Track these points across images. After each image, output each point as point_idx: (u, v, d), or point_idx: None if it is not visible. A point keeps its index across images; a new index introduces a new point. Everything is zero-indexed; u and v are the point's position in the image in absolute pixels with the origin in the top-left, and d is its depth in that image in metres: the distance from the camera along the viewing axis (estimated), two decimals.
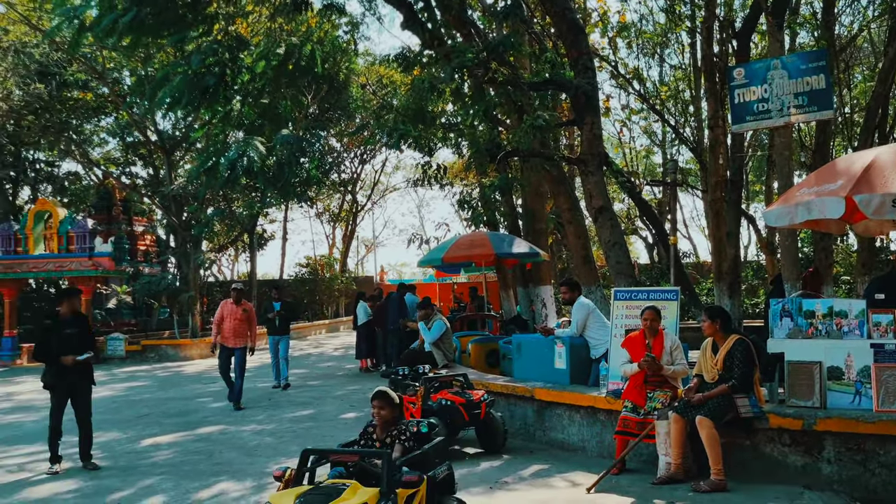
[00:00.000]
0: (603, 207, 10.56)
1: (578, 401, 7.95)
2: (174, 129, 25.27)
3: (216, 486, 7.08)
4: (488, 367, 11.36)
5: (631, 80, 18.81)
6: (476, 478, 7.03)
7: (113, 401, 13.38)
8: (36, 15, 20.72)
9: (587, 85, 10.55)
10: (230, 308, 11.81)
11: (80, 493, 7.00)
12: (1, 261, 22.26)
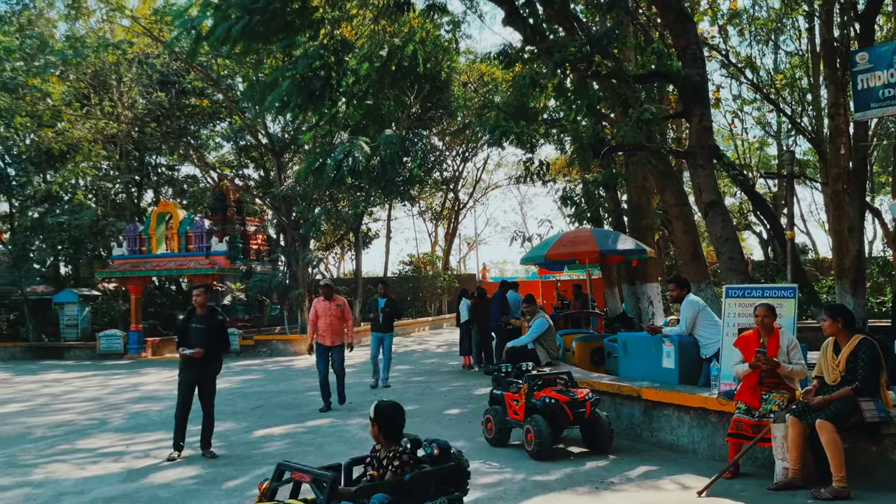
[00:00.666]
0: (713, 202, 10.17)
1: (688, 401, 7.68)
2: (283, 132, 26.21)
3: None
4: (593, 365, 11.17)
5: (743, 69, 18.04)
6: (581, 477, 6.92)
7: (229, 393, 14.00)
8: (157, 27, 21.93)
9: (696, 75, 10.18)
10: (323, 305, 11.45)
11: (200, 479, 7.35)
12: (128, 260, 23.75)
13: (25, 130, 23.64)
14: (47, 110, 23.07)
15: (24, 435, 10.29)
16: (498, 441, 8.31)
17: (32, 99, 22.66)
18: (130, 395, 14.46)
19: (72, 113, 23.34)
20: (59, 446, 9.36)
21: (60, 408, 13.03)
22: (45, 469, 8.01)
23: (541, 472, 7.13)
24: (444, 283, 34.04)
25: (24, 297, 26.00)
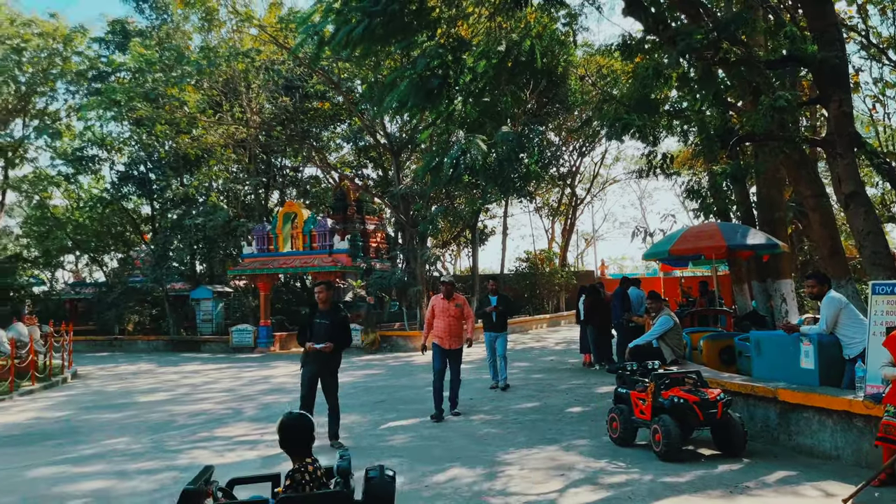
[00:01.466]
0: (854, 193, 9.52)
1: (830, 404, 7.23)
2: (401, 131, 26.73)
3: (449, 470, 7.36)
4: (722, 364, 10.72)
5: (885, 50, 16.79)
6: (713, 480, 6.66)
7: (353, 386, 14.43)
8: (282, 35, 22.86)
9: (834, 59, 9.55)
10: (442, 304, 10.51)
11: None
12: (257, 258, 24.92)
13: (165, 137, 25.31)
14: (184, 118, 24.57)
15: (170, 422, 10.99)
16: (623, 440, 8.13)
17: (171, 108, 24.19)
18: (262, 387, 15.16)
19: (206, 120, 24.75)
20: (200, 434, 9.93)
21: (199, 398, 13.83)
22: (189, 455, 8.52)
23: (670, 473, 6.91)
24: (562, 279, 33.68)
25: (165, 293, 27.80)
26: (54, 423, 11.28)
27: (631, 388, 8.26)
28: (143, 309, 30.09)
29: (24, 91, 29.50)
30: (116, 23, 29.38)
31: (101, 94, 25.12)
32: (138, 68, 23.25)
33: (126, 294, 28.79)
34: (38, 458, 8.66)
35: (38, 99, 31.37)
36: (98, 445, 9.31)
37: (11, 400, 14.25)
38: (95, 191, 33.32)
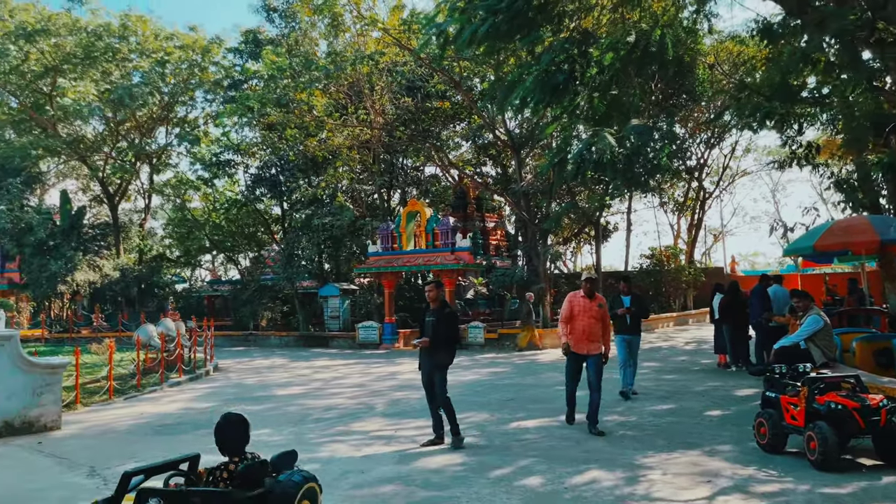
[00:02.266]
0: None
1: None
2: (521, 128, 26.58)
3: (587, 472, 7.21)
4: (878, 368, 9.98)
5: None
6: (878, 492, 6.19)
7: (479, 384, 14.47)
8: (405, 37, 23.25)
9: None
10: (582, 303, 9.39)
11: (467, 466, 7.63)
12: (381, 256, 25.50)
13: (294, 141, 26.35)
14: (312, 121, 25.48)
15: (306, 416, 11.39)
16: (772, 447, 7.69)
17: (300, 112, 25.15)
18: (390, 382, 15.46)
19: (332, 122, 25.56)
20: (336, 427, 10.23)
21: (331, 392, 14.27)
22: (329, 448, 8.78)
23: (828, 483, 6.47)
24: (689, 277, 32.47)
25: (295, 291, 28.95)
26: (201, 414, 11.93)
27: (781, 392, 7.80)
28: (275, 305, 31.46)
29: (166, 101, 31.52)
30: (249, 33, 30.87)
31: (235, 101, 26.45)
32: (270, 75, 24.32)
33: (259, 291, 30.18)
34: (190, 447, 9.15)
35: (179, 108, 33.44)
36: None
37: (162, 391, 15.22)
38: (230, 193, 35.16)
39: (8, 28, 28.14)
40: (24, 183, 31.04)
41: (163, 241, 40.99)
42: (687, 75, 22.84)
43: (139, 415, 12.01)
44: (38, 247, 29.06)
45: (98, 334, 28.45)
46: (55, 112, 30.35)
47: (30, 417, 10.30)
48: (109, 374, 14.09)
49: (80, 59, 29.24)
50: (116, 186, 34.27)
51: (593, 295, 9.51)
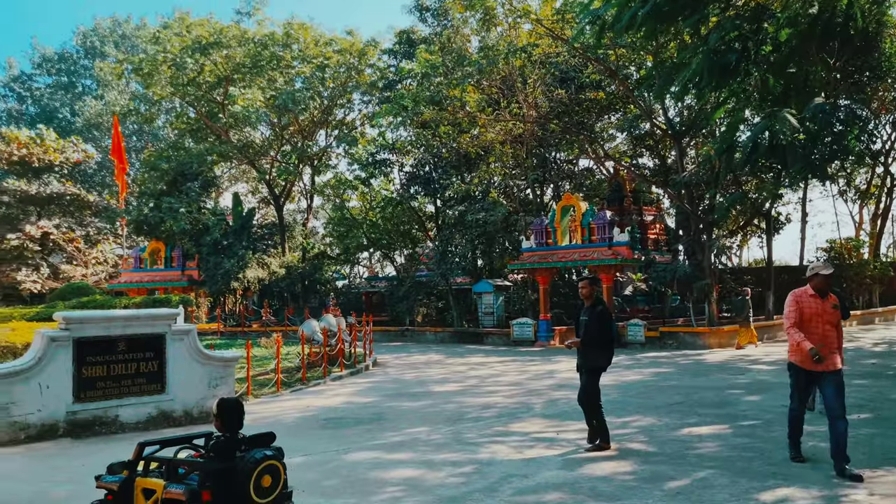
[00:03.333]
0: None
1: None
2: (682, 115, 25.23)
3: (778, 489, 6.47)
4: None
5: None
6: None
7: (643, 385, 13.75)
8: (559, 27, 22.70)
9: None
10: (813, 304, 7.17)
11: (638, 476, 7.11)
12: (535, 252, 25.09)
13: (447, 138, 26.50)
14: (465, 118, 25.50)
15: (464, 414, 11.24)
16: None
17: (453, 109, 25.25)
18: (548, 381, 15.06)
19: (485, 118, 25.45)
20: (495, 427, 9.98)
21: (488, 390, 14.08)
22: (489, 449, 8.54)
23: None
24: (875, 272, 29.55)
25: (449, 287, 29.16)
26: (363, 409, 12.11)
27: None
28: (430, 301, 31.89)
29: (326, 104, 32.79)
30: (402, 33, 31.47)
31: (390, 101, 27.00)
32: (424, 73, 24.57)
33: (415, 287, 30.70)
34: (353, 442, 9.25)
35: (337, 110, 34.72)
36: (403, 434, 9.74)
37: (325, 384, 15.70)
38: (385, 192, 36.07)
39: (186, 43, 30.32)
40: (201, 187, 33.34)
41: (324, 239, 42.75)
42: (872, 50, 20.71)
43: (305, 408, 12.37)
44: (213, 246, 31.13)
45: (267, 328, 30.06)
46: (227, 120, 32.37)
47: (207, 408, 10.83)
48: (277, 368, 14.67)
49: (248, 68, 31.01)
50: (281, 188, 36.09)
51: (826, 294, 7.22)
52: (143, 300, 23.87)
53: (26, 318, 18.60)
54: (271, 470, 4.36)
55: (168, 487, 4.38)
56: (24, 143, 35.56)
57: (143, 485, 4.55)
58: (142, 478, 4.61)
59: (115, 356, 10.11)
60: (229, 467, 4.32)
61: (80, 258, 35.75)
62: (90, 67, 52.59)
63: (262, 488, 4.28)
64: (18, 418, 9.37)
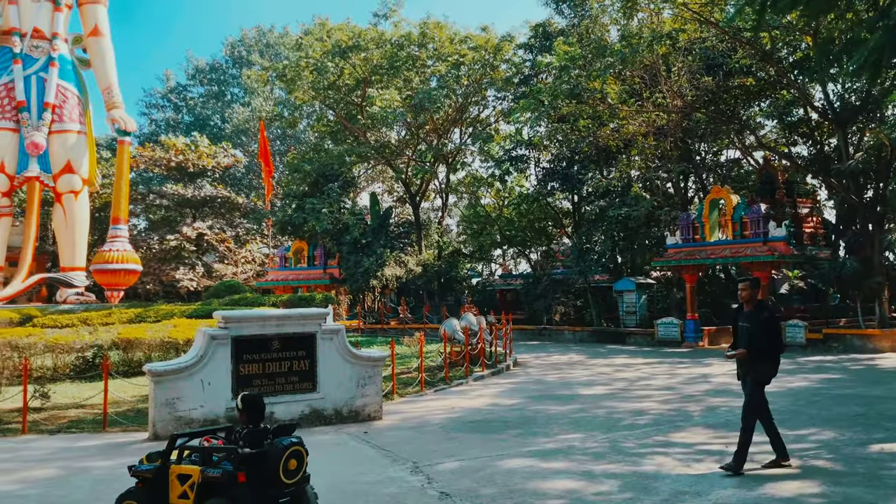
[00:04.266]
0: None
1: None
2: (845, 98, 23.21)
3: None
4: None
5: None
6: None
7: (814, 394, 12.62)
8: (707, 10, 21.45)
9: None
10: None
11: (829, 499, 6.35)
12: (682, 248, 23.90)
13: (586, 131, 25.70)
14: (605, 110, 24.63)
15: (617, 420, 10.67)
16: None
17: (593, 101, 24.45)
18: (703, 386, 14.18)
19: (626, 109, 24.47)
20: (654, 437, 9.36)
21: (639, 394, 13.39)
22: (652, 461, 7.97)
23: None
24: None
25: (588, 285, 28.37)
26: (509, 411, 11.78)
27: None
28: (568, 300, 31.20)
29: (460, 102, 32.79)
30: (538, 27, 30.91)
31: (526, 96, 26.55)
32: (562, 66, 23.93)
33: (552, 285, 30.12)
34: (505, 447, 8.94)
35: (472, 108, 34.65)
36: (556, 440, 9.32)
37: (467, 384, 15.52)
38: (519, 189, 35.69)
39: (326, 47, 31.22)
40: (341, 187, 34.29)
41: (459, 237, 42.91)
42: None
43: (450, 408, 12.21)
44: (353, 245, 31.91)
45: (405, 326, 30.46)
46: (365, 121, 33.07)
47: (355, 407, 10.89)
48: (421, 367, 14.64)
49: (385, 69, 31.53)
50: (417, 187, 36.50)
51: None
52: (289, 298, 24.79)
53: (185, 314, 19.65)
54: (297, 455, 5.18)
55: (206, 471, 5.08)
56: (180, 150, 37.91)
57: (178, 471, 5.22)
58: (177, 465, 5.28)
59: (270, 354, 10.31)
60: (260, 453, 5.10)
61: (231, 257, 37.71)
62: (238, 76, 55.49)
63: (289, 470, 5.10)
64: (183, 413, 9.73)
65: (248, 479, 5.01)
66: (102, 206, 34.28)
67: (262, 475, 5.07)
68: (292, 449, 5.16)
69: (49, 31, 24.27)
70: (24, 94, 23.46)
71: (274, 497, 5.12)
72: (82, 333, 15.92)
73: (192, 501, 5.14)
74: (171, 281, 35.52)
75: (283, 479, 5.10)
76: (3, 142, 23.39)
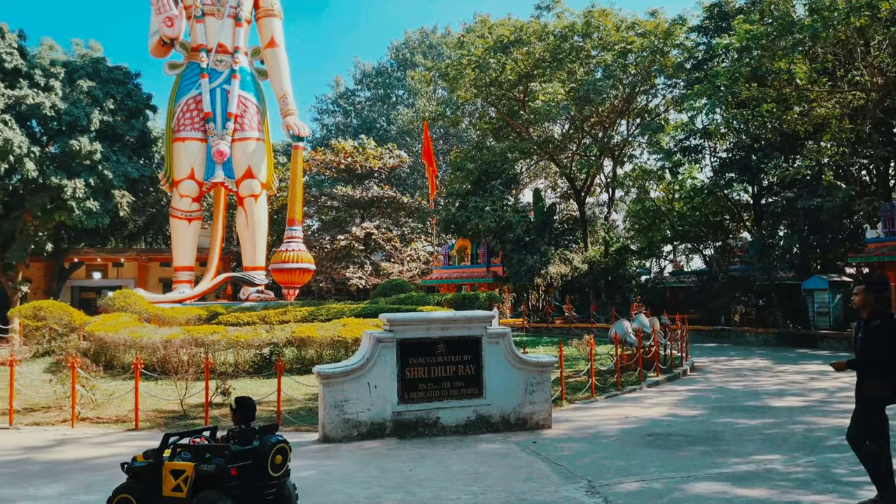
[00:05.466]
0: None
1: None
2: None
3: None
4: None
5: None
6: None
7: None
8: None
9: None
10: None
11: None
12: (884, 243, 21.33)
13: (770, 116, 23.55)
14: (792, 92, 22.41)
15: (819, 440, 9.42)
16: None
17: (779, 83, 22.33)
18: None
19: (817, 90, 22.13)
20: None
21: (841, 408, 11.85)
22: (872, 492, 6.79)
23: None
24: None
25: (771, 283, 26.13)
26: (690, 424, 10.79)
27: None
28: (748, 299, 28.99)
29: (627, 92, 31.34)
30: (712, 7, 28.85)
31: (700, 82, 24.83)
32: (743, 46, 22.03)
33: (730, 283, 28.08)
34: (690, 467, 8.06)
35: (639, 98, 33.05)
36: (750, 461, 8.30)
37: (641, 391, 14.56)
38: (690, 181, 33.63)
39: (488, 44, 30.94)
40: (504, 185, 33.93)
41: (628, 232, 41.26)
42: None
43: (624, 418, 11.40)
44: (516, 242, 31.44)
45: (570, 325, 29.61)
46: (527, 116, 32.48)
47: (523, 414, 10.37)
48: (591, 371, 13.88)
49: (548, 62, 30.73)
50: (581, 182, 35.41)
51: None
52: (454, 296, 24.74)
53: (354, 313, 20.07)
54: (282, 451, 5.81)
55: (200, 466, 5.66)
56: (349, 153, 39.21)
57: (171, 467, 5.77)
58: (170, 461, 5.80)
59: (435, 358, 10.03)
60: (251, 449, 5.71)
61: (397, 256, 38.49)
62: (402, 78, 56.73)
63: (276, 465, 5.74)
64: (351, 416, 9.66)
65: (239, 473, 5.58)
66: (279, 208, 36.15)
67: (252, 469, 5.66)
68: (278, 446, 5.78)
69: (231, 46, 25.88)
70: (210, 106, 25.17)
71: (260, 489, 5.70)
72: (260, 331, 16.59)
73: (185, 494, 5.69)
74: (342, 279, 36.79)
75: (270, 473, 5.71)
76: (193, 151, 25.22)
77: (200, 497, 5.60)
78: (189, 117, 25.31)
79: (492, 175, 33.60)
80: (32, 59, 32.26)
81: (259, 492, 5.69)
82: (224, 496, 5.54)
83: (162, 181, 27.39)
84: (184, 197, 25.50)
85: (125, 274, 39.77)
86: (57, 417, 11.61)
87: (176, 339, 15.54)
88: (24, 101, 30.03)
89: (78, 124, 31.38)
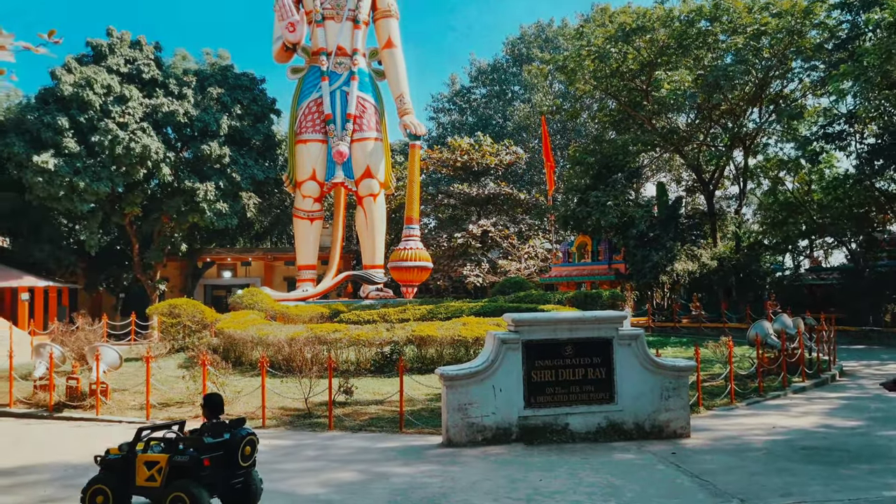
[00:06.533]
0: None
1: None
2: None
3: None
4: None
5: None
6: None
7: None
8: None
9: None
10: None
11: None
12: None
13: None
14: None
15: None
16: None
17: None
18: None
19: None
20: None
21: None
22: None
23: None
24: None
25: None
26: (850, 437, 9.72)
27: None
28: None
29: (760, 78, 29.36)
30: None
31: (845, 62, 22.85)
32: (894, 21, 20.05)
33: (878, 280, 25.80)
34: (857, 488, 7.14)
35: (774, 83, 30.92)
36: None
37: (786, 397, 13.43)
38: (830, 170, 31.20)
39: (609, 32, 29.80)
40: (626, 178, 32.66)
41: (762, 226, 38.83)
42: None
43: (770, 427, 10.44)
44: (639, 238, 30.15)
45: (699, 325, 28.12)
46: (651, 106, 31.08)
47: (659, 421, 9.66)
48: (730, 376, 12.88)
49: (673, 49, 29.25)
50: (709, 174, 33.56)
51: None
52: (574, 294, 23.99)
53: (473, 311, 19.73)
54: (251, 443, 6.30)
55: (174, 458, 6.07)
56: (465, 151, 38.96)
57: (145, 459, 6.16)
58: (143, 454, 6.20)
59: (563, 361, 9.50)
60: (224, 441, 6.16)
61: (514, 253, 37.91)
62: (518, 74, 55.94)
63: (245, 455, 6.20)
64: (475, 420, 9.28)
65: (212, 463, 6.01)
66: (397, 207, 36.36)
67: (223, 460, 6.09)
68: (248, 438, 6.27)
69: (350, 48, 26.21)
70: (330, 108, 25.58)
71: (230, 478, 6.14)
72: (381, 330, 16.54)
73: (159, 484, 6.06)
74: (459, 277, 36.60)
75: (240, 463, 6.17)
76: (314, 152, 25.72)
77: (174, 485, 5.95)
78: (311, 120, 25.82)
79: (613, 169, 32.41)
80: (167, 69, 33.93)
81: (229, 481, 6.15)
82: (197, 485, 5.92)
83: (285, 182, 28.11)
84: (306, 197, 26.04)
85: (253, 273, 41.29)
86: (190, 413, 11.89)
87: (300, 336, 15.71)
88: (161, 109, 31.57)
89: (208, 130, 32.72)
